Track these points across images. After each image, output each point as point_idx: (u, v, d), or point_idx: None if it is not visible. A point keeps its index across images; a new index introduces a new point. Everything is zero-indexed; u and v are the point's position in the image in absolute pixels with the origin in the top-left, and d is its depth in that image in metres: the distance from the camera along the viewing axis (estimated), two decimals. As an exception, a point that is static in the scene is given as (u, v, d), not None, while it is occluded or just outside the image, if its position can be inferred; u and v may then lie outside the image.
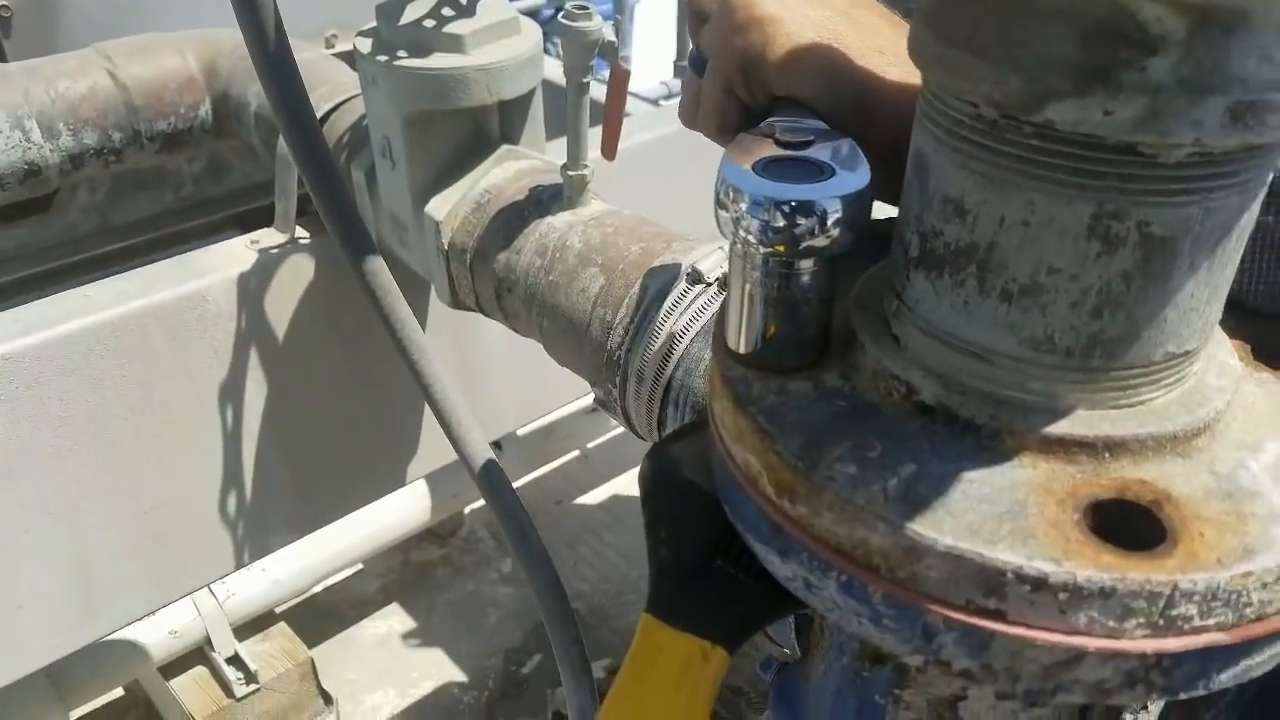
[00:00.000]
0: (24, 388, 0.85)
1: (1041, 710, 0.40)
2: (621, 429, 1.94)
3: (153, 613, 1.06)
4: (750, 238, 0.36)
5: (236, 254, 0.96)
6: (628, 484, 2.04)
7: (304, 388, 1.03)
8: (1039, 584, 0.30)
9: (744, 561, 0.38)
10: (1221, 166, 0.30)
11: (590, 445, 1.97)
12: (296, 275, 0.98)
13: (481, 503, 1.90)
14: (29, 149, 1.01)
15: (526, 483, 1.90)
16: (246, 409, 0.99)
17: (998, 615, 0.31)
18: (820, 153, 0.38)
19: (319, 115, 0.96)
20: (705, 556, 0.40)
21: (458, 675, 1.68)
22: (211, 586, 1.53)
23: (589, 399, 1.78)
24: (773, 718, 0.50)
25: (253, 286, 0.96)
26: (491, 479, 0.71)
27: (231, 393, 0.98)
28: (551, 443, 1.76)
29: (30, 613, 0.92)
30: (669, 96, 1.86)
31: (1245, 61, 0.28)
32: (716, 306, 0.67)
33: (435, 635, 1.76)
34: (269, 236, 0.98)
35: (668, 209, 0.86)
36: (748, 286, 0.37)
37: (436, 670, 1.69)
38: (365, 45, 0.80)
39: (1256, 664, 0.32)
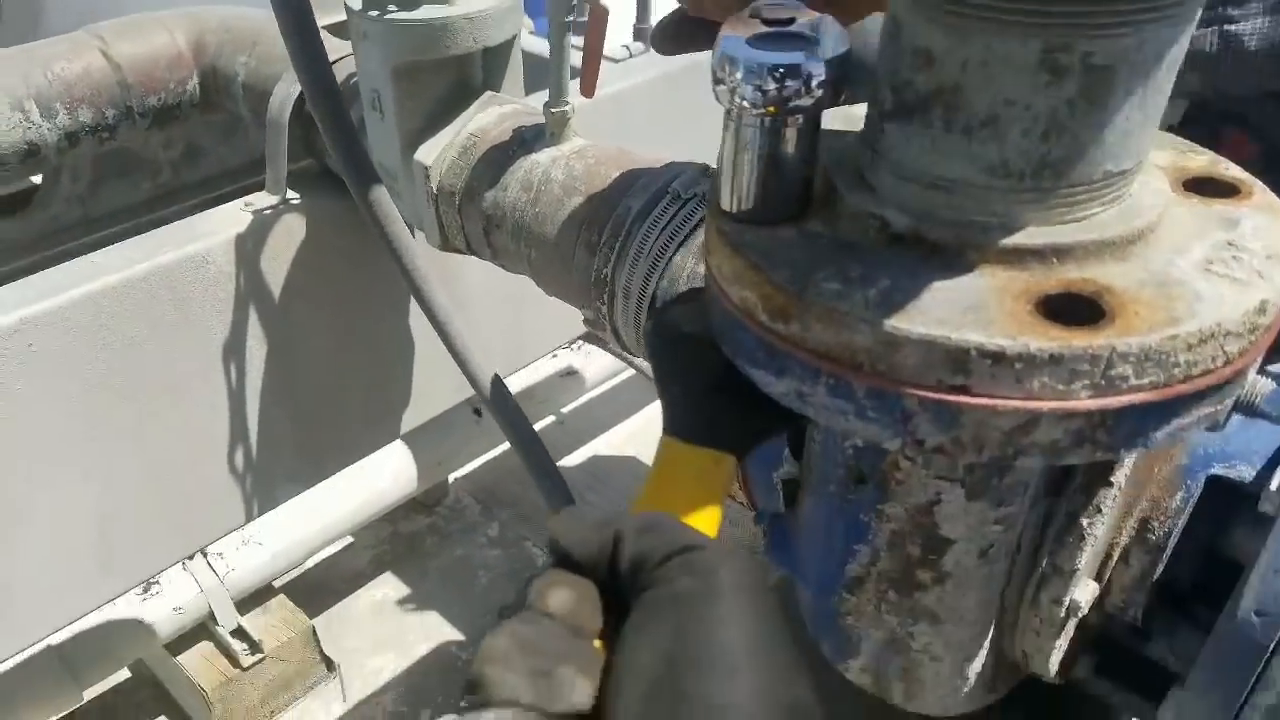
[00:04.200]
0: (40, 351, 0.88)
1: (1009, 509, 0.46)
2: (595, 392, 1.99)
3: (165, 570, 1.09)
4: (745, 102, 0.41)
5: (233, 216, 1.00)
6: (605, 445, 2.09)
7: (301, 343, 1.07)
8: (998, 357, 0.35)
9: (742, 390, 0.44)
10: (1153, 1, 0.35)
11: (565, 410, 2.01)
12: (290, 234, 1.02)
13: (466, 469, 1.94)
14: (29, 129, 1.04)
15: (508, 448, 1.94)
16: (249, 365, 1.03)
17: (964, 390, 0.36)
18: (802, 27, 0.43)
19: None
20: (709, 389, 0.45)
21: (454, 635, 1.72)
22: (211, 562, 1.56)
23: (563, 362, 1.83)
24: (771, 560, 0.56)
25: (249, 247, 0.99)
26: (495, 390, 0.76)
27: (234, 350, 1.01)
28: (529, 407, 1.80)
29: (53, 570, 0.95)
30: (630, 58, 1.90)
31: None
32: (694, 221, 0.73)
33: (429, 600, 1.80)
34: (262, 199, 1.02)
35: (643, 142, 0.90)
36: (740, 147, 0.43)
37: (434, 632, 1.73)
38: (356, 3, 0.84)
39: (1186, 424, 0.38)
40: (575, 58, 0.80)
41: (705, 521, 0.42)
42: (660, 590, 0.32)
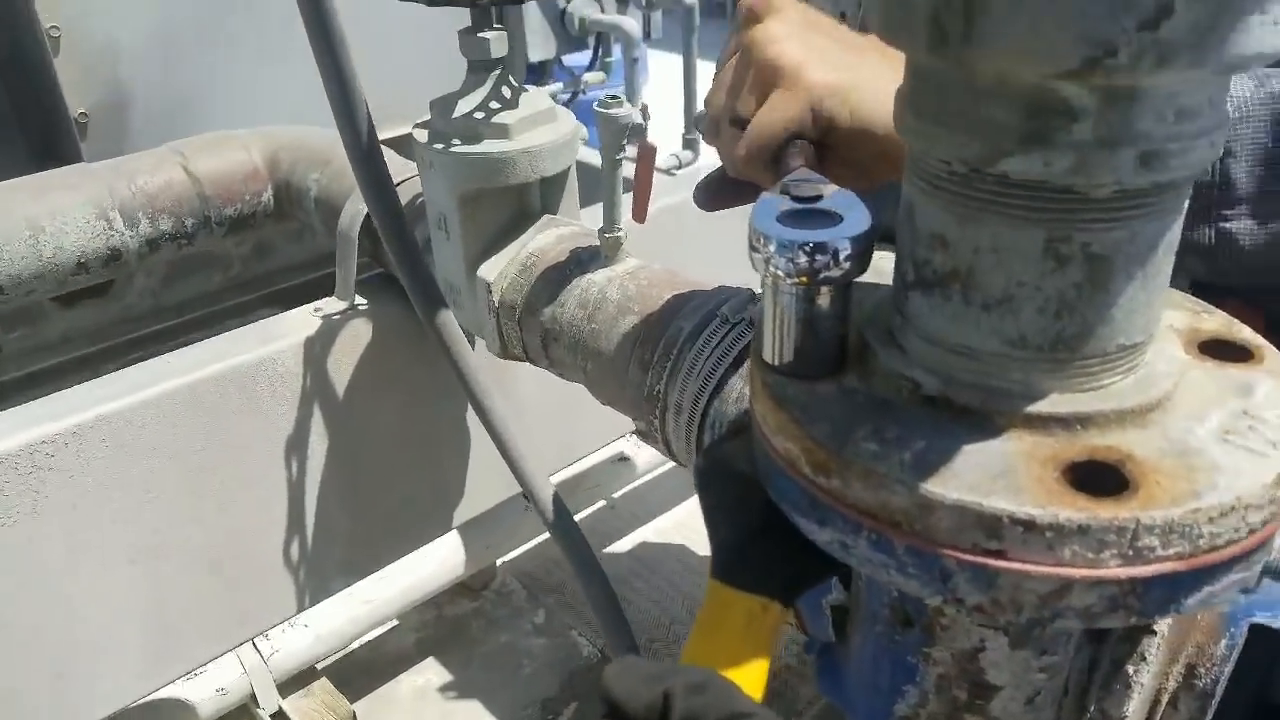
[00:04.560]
0: (115, 446, 0.94)
1: (1053, 658, 0.48)
2: (647, 478, 2.02)
3: (217, 658, 1.13)
4: (779, 273, 0.45)
5: (303, 320, 1.06)
6: (655, 532, 2.10)
7: (361, 440, 1.12)
8: (1029, 525, 0.38)
9: (789, 534, 0.46)
10: (1140, 199, 0.39)
11: (617, 495, 2.04)
12: (356, 338, 1.08)
13: (514, 554, 1.97)
14: (112, 236, 1.12)
15: (557, 535, 1.97)
16: (310, 460, 1.08)
17: (999, 554, 0.39)
18: (830, 204, 0.47)
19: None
20: (756, 533, 0.48)
21: (496, 725, 1.72)
22: (256, 643, 1.59)
23: (615, 449, 1.87)
24: (820, 690, 0.57)
25: (317, 349, 1.06)
26: (549, 500, 0.79)
27: (297, 446, 1.07)
28: (580, 493, 1.84)
29: (108, 657, 1.00)
30: (679, 167, 1.99)
31: (1146, 122, 0.37)
32: (742, 343, 0.76)
33: (472, 687, 1.80)
34: (331, 304, 1.08)
35: (689, 261, 0.95)
36: (779, 311, 0.46)
37: (475, 721, 1.73)
38: (422, 135, 0.91)
39: (1218, 590, 0.40)
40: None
41: (753, 673, 0.45)
42: None
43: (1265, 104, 0.61)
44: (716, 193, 0.69)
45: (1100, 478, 0.39)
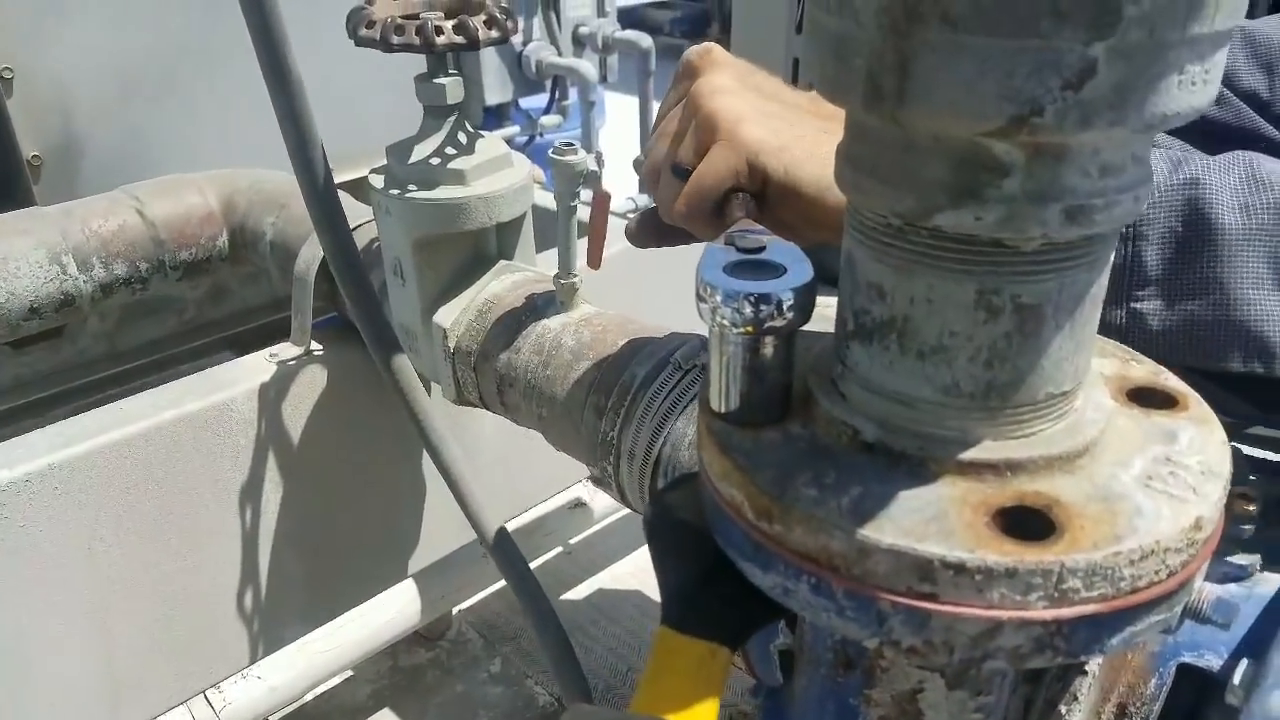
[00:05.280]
0: (65, 495, 0.92)
1: (988, 698, 0.49)
2: (604, 524, 2.01)
3: (170, 710, 1.10)
4: (725, 322, 0.46)
5: (258, 366, 1.05)
6: (612, 579, 2.09)
7: (317, 487, 1.11)
8: (959, 568, 0.39)
9: (736, 580, 0.47)
10: (1067, 252, 0.41)
11: (573, 541, 2.02)
12: (312, 384, 1.08)
13: (470, 602, 1.94)
14: (65, 281, 1.11)
15: (516, 582, 1.95)
16: (264, 508, 1.07)
17: (932, 597, 0.40)
18: (773, 255, 0.49)
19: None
20: (703, 579, 0.48)
21: (455, 778, 1.68)
22: (208, 696, 1.55)
23: (571, 494, 1.86)
24: (765, 734, 0.58)
25: (272, 395, 1.05)
26: (504, 547, 0.79)
27: (251, 494, 1.05)
28: (536, 539, 1.82)
29: (61, 710, 0.96)
30: (637, 209, 2.02)
31: (1072, 178, 0.39)
32: (695, 390, 0.77)
33: (431, 740, 1.76)
34: (286, 350, 1.08)
35: (644, 307, 0.97)
36: (725, 359, 0.47)
37: (434, 775, 1.69)
38: (379, 181, 0.92)
39: (1139, 630, 0.41)
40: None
41: (704, 714, 0.45)
42: None
43: (1178, 189, 0.63)
44: (651, 231, 0.72)
45: (1028, 522, 0.41)
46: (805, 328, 0.49)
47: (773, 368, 0.47)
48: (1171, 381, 0.49)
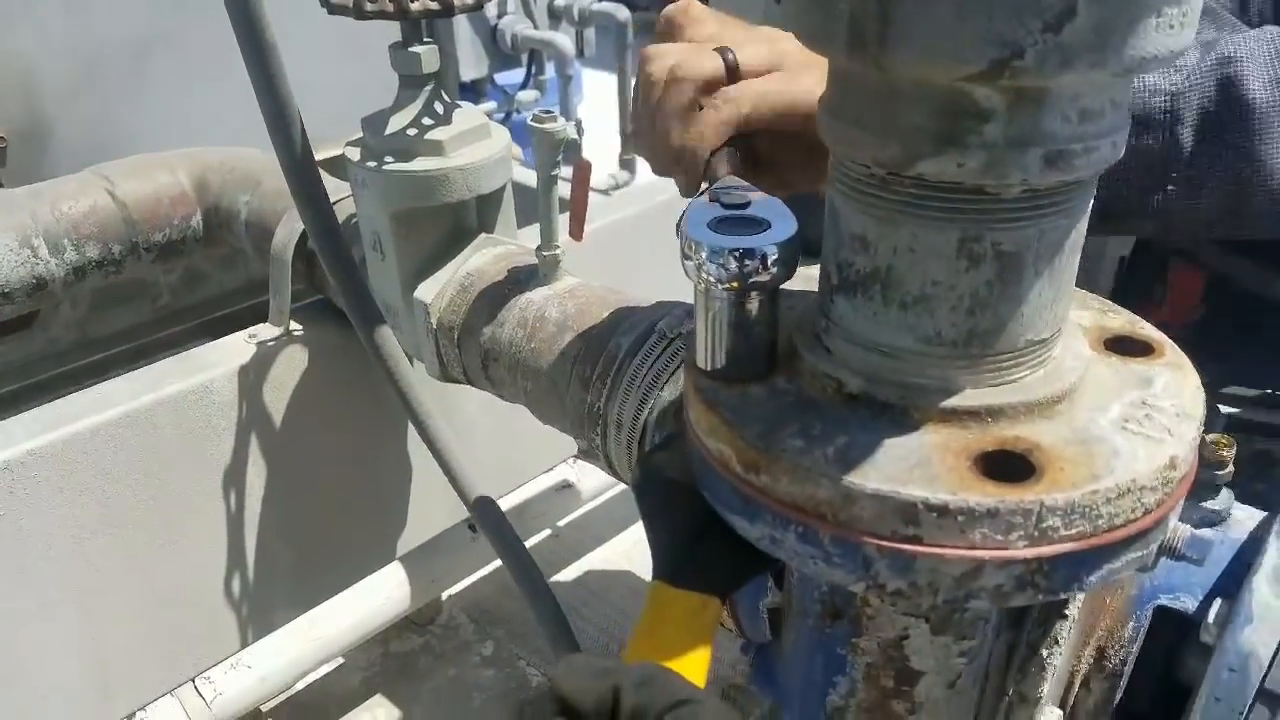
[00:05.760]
0: (45, 482, 0.91)
1: (972, 643, 0.50)
2: (591, 505, 2.02)
3: (159, 698, 1.10)
4: (710, 278, 0.46)
5: (237, 348, 1.05)
6: (600, 559, 2.10)
7: (301, 469, 1.10)
8: (943, 510, 0.40)
9: (724, 534, 0.48)
10: (1047, 198, 0.41)
11: (561, 523, 2.03)
12: (292, 365, 1.07)
13: (459, 587, 1.95)
14: (37, 264, 1.09)
15: (502, 564, 1.95)
16: (249, 491, 1.06)
17: (916, 540, 0.40)
18: (757, 211, 0.49)
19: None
20: (693, 534, 0.49)
21: (446, 760, 1.69)
22: (198, 686, 1.55)
23: (559, 475, 1.86)
24: (756, 689, 0.59)
25: (252, 377, 1.04)
26: (491, 516, 0.80)
27: (235, 477, 1.05)
28: (524, 521, 1.83)
29: (51, 701, 0.96)
30: (616, 187, 2.01)
31: (1052, 123, 0.39)
32: (680, 359, 0.78)
33: (422, 723, 1.77)
34: (266, 330, 1.07)
35: (627, 280, 0.97)
36: (710, 316, 0.48)
37: (425, 756, 1.70)
38: (354, 153, 0.91)
39: (1117, 567, 0.42)
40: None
41: (696, 662, 0.46)
42: None
43: (1209, 71, 0.65)
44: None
45: (1009, 466, 0.41)
46: (787, 286, 0.49)
47: (758, 323, 0.48)
48: (1148, 330, 0.50)
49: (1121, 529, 0.41)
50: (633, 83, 0.68)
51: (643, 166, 2.17)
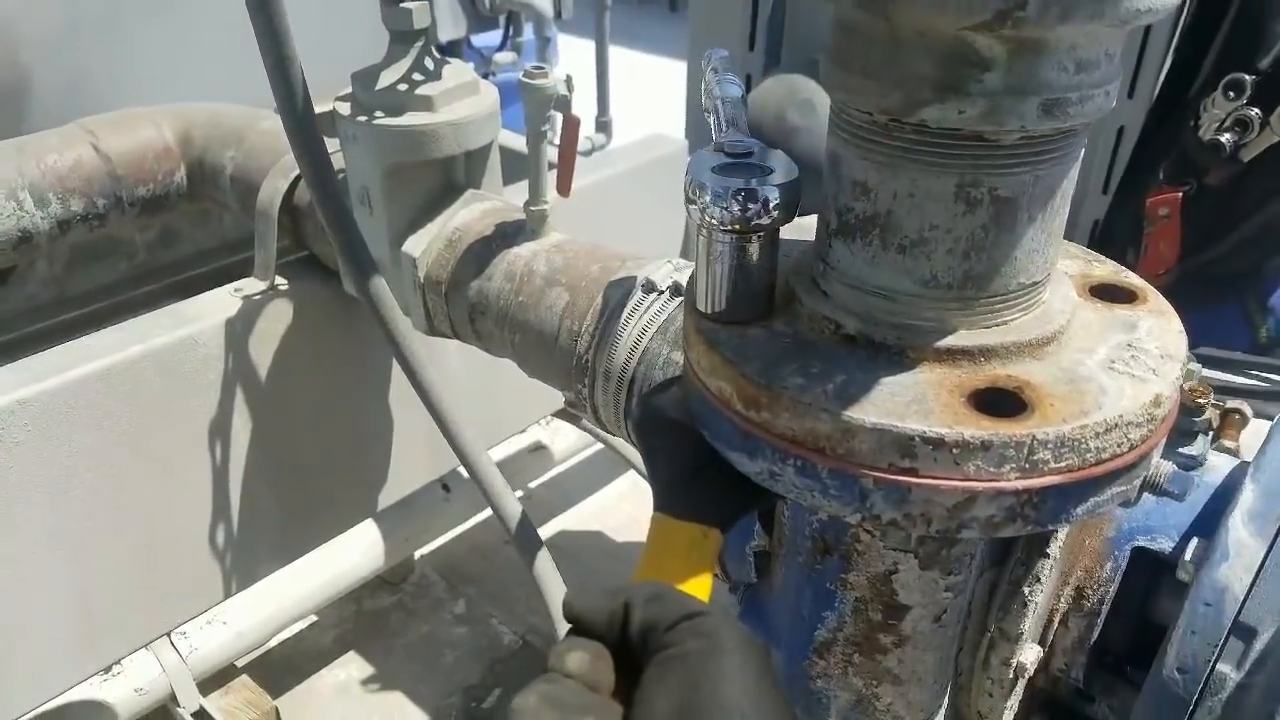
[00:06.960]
0: (34, 430, 0.91)
1: (958, 578, 0.52)
2: (564, 467, 2.03)
3: (145, 645, 1.10)
4: (714, 221, 0.47)
5: (223, 301, 1.04)
6: (573, 520, 2.12)
7: (286, 421, 1.10)
8: (938, 443, 0.41)
9: (722, 470, 0.49)
10: (1043, 145, 0.43)
11: (533, 484, 2.05)
12: (277, 319, 1.07)
13: (432, 546, 1.96)
14: (23, 217, 1.08)
15: (475, 524, 1.96)
16: (234, 443, 1.06)
17: (912, 471, 0.42)
18: (759, 159, 0.50)
19: (294, 177, 1.06)
20: (692, 471, 0.51)
21: (419, 715, 1.71)
22: (174, 640, 1.55)
23: (531, 437, 1.87)
24: (744, 625, 0.60)
25: (238, 330, 1.04)
26: (482, 465, 0.81)
27: (221, 428, 1.05)
28: (497, 483, 1.84)
29: (38, 645, 0.96)
30: (592, 150, 2.00)
31: (1049, 72, 0.41)
32: (669, 310, 0.79)
33: (394, 679, 1.79)
34: (251, 285, 1.06)
35: (612, 236, 0.97)
36: (712, 259, 0.49)
37: (398, 713, 1.72)
38: (345, 108, 0.91)
39: (1102, 500, 0.44)
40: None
41: (699, 587, 0.48)
42: (672, 651, 0.36)
43: None
44: None
45: (1002, 402, 0.43)
46: (787, 236, 0.51)
47: (758, 266, 0.49)
48: (1132, 278, 0.52)
49: (1108, 462, 0.43)
50: (626, 57, 0.68)
51: (619, 129, 2.15)
